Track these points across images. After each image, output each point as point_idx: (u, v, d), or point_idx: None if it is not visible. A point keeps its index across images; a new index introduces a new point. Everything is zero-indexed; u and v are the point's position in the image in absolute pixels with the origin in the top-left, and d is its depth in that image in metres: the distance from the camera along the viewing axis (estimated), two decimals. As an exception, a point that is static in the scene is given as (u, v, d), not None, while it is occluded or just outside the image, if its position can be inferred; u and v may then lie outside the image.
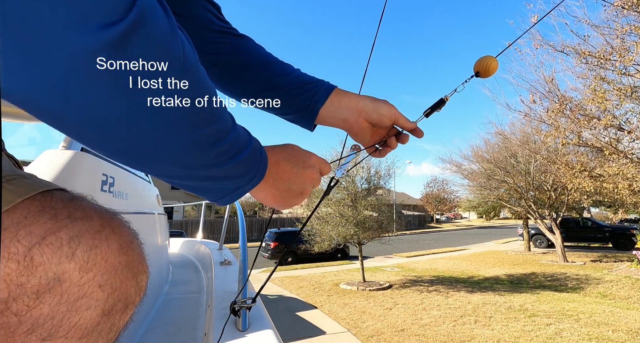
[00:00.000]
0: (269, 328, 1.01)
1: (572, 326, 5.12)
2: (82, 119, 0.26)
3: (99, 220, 0.34)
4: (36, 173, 0.38)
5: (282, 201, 0.49)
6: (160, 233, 2.21)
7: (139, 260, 0.36)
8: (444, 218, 50.64)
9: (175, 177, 0.36)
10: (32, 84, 0.24)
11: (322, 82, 0.61)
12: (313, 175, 0.50)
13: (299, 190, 0.49)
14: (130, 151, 0.30)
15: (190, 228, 21.85)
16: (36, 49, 0.22)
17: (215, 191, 0.40)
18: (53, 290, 0.29)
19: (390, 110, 0.59)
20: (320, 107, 0.59)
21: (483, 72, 0.59)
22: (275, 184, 0.47)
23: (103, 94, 0.26)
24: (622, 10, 6.19)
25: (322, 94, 0.59)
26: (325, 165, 0.53)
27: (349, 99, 0.60)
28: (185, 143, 0.32)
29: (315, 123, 0.62)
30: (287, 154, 0.48)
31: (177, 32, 0.29)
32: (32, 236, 0.29)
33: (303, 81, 0.60)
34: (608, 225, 16.09)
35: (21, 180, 0.33)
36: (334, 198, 8.30)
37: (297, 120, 0.62)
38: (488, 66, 0.58)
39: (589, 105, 7.47)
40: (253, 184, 0.42)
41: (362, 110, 0.59)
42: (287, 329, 5.13)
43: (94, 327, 0.32)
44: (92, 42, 0.23)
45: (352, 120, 0.60)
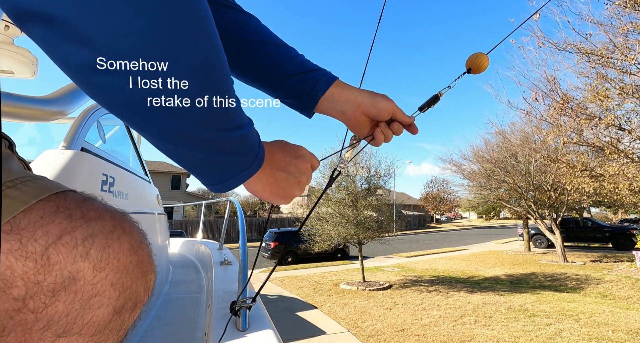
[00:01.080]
0: (269, 328, 1.01)
1: (572, 326, 5.12)
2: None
3: (111, 220, 0.34)
4: (36, 173, 0.38)
5: (280, 191, 0.48)
6: (160, 233, 2.21)
7: (148, 259, 0.37)
8: (444, 219, 50.64)
9: (182, 142, 0.34)
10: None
11: (324, 71, 0.60)
12: (306, 164, 0.50)
13: (295, 179, 0.49)
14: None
15: (190, 228, 21.85)
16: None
17: (219, 169, 0.39)
18: (68, 288, 0.30)
19: (388, 104, 0.59)
20: (320, 97, 0.59)
21: (474, 69, 0.60)
22: (273, 173, 0.47)
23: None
24: (624, 9, 6.18)
25: (323, 84, 0.59)
26: (314, 159, 0.53)
27: (349, 92, 0.60)
28: (207, 93, 0.32)
29: (313, 111, 0.62)
30: (278, 145, 0.49)
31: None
32: (49, 236, 0.30)
33: (306, 68, 0.59)
34: (608, 225, 16.09)
35: (35, 182, 0.34)
36: (334, 199, 8.31)
37: (296, 106, 0.62)
38: (479, 63, 0.59)
39: (591, 104, 7.47)
40: (255, 168, 0.42)
41: (360, 104, 0.59)
42: (287, 329, 5.13)
43: (106, 325, 0.33)
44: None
45: (350, 113, 0.60)
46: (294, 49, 0.61)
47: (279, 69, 0.58)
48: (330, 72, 0.61)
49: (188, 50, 0.29)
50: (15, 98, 0.95)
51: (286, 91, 0.60)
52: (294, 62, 0.59)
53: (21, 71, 1.65)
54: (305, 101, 0.60)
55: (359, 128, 0.62)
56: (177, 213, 27.39)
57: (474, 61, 0.59)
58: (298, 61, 0.59)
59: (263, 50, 0.58)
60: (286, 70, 0.58)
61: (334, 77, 0.60)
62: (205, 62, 0.31)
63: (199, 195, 32.82)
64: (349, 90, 0.60)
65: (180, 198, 28.67)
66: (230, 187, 0.42)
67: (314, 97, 0.59)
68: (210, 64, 0.31)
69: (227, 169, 0.40)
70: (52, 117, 1.09)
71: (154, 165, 28.86)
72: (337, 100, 0.60)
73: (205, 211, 3.85)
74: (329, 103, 0.60)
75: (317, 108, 0.61)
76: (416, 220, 35.54)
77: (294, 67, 0.59)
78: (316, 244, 8.39)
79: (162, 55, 0.28)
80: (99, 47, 0.26)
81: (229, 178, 0.40)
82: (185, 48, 0.29)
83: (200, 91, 0.31)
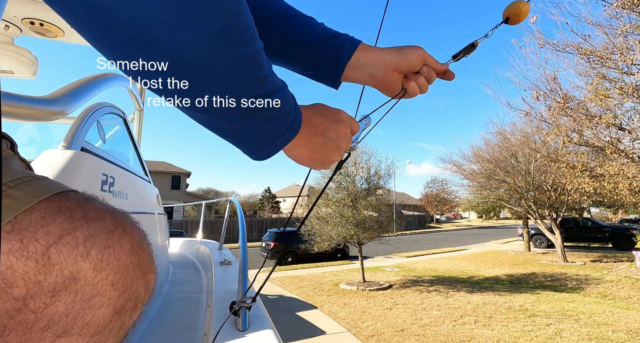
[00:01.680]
0: (269, 328, 1.01)
1: (572, 326, 5.12)
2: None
3: (112, 220, 0.34)
4: (36, 173, 0.38)
5: (319, 157, 0.48)
6: (160, 233, 2.21)
7: (148, 260, 0.37)
8: (444, 219, 50.63)
9: (221, 113, 0.35)
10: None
11: (347, 36, 0.58)
12: (345, 129, 0.49)
13: (334, 144, 0.48)
14: (179, 67, 0.30)
15: (190, 228, 21.84)
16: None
17: (256, 137, 0.39)
18: (69, 289, 0.30)
19: (418, 53, 0.56)
20: (346, 63, 0.56)
21: (513, 18, 0.55)
22: (311, 138, 0.46)
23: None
24: (622, 10, 6.19)
25: (348, 49, 0.56)
26: (354, 122, 0.52)
27: (375, 54, 0.57)
28: (233, 58, 0.31)
29: (340, 80, 0.59)
30: (317, 110, 0.48)
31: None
32: (50, 236, 0.30)
33: (328, 35, 0.56)
34: (608, 225, 16.08)
35: (36, 182, 0.34)
36: (333, 199, 8.30)
37: (322, 76, 0.59)
38: (519, 10, 0.55)
39: (591, 104, 7.47)
40: (292, 133, 0.42)
41: (389, 63, 0.56)
42: (287, 329, 5.13)
43: (106, 325, 0.33)
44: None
45: (381, 75, 0.57)
46: (313, 18, 0.58)
47: (301, 40, 0.56)
48: (353, 36, 0.58)
49: (206, 15, 0.28)
50: (15, 98, 0.95)
51: (311, 62, 0.57)
52: (315, 30, 0.57)
53: (21, 71, 1.65)
54: (332, 69, 0.57)
55: (393, 88, 0.59)
56: (177, 213, 27.39)
57: (513, 9, 0.55)
58: (319, 29, 0.57)
59: (283, 23, 0.56)
60: (308, 40, 0.56)
61: (357, 41, 0.57)
62: (225, 26, 0.30)
63: (199, 195, 32.84)
64: (375, 51, 0.57)
65: (180, 198, 28.67)
66: (270, 153, 0.42)
67: (340, 64, 0.56)
68: (233, 28, 0.30)
69: (264, 136, 0.40)
70: (52, 117, 1.09)
71: (154, 165, 28.87)
72: (364, 64, 0.57)
73: (205, 211, 3.85)
74: (356, 68, 0.57)
75: (345, 76, 0.58)
76: (416, 220, 35.54)
77: (316, 35, 0.56)
78: (316, 244, 8.39)
79: (180, 23, 0.28)
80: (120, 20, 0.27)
81: (267, 145, 0.41)
82: (203, 13, 0.28)
83: (223, 58, 0.31)
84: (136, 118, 2.80)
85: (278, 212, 40.16)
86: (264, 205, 40.39)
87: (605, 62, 6.74)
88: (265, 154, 0.42)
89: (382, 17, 0.69)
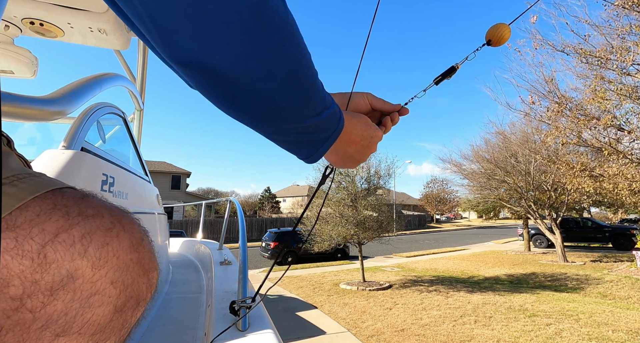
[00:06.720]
0: (269, 328, 1.01)
1: (572, 326, 5.12)
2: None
3: (110, 217, 0.34)
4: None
5: (341, 164, 0.55)
6: (160, 233, 2.21)
7: (149, 257, 0.37)
8: (444, 218, 50.64)
9: (279, 132, 0.42)
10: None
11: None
12: (373, 149, 0.55)
13: (358, 158, 0.55)
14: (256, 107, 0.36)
15: (190, 228, 21.84)
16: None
17: (307, 146, 0.46)
18: (66, 287, 0.29)
19: (363, 98, 0.58)
20: None
21: (495, 40, 0.57)
22: (342, 151, 0.52)
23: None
24: (623, 10, 6.19)
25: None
26: (380, 138, 0.58)
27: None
28: (297, 93, 0.37)
29: None
30: (361, 128, 0.52)
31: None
32: (45, 234, 0.29)
33: None
34: (608, 225, 16.08)
35: (32, 179, 0.33)
36: (333, 199, 8.30)
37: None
38: (500, 34, 0.56)
39: (589, 105, 7.47)
40: (331, 141, 0.46)
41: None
42: (287, 329, 5.13)
43: (107, 324, 0.32)
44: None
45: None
46: None
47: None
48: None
49: (276, 68, 0.34)
50: (15, 98, 0.95)
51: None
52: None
53: (21, 71, 1.64)
54: None
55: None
56: (177, 213, 27.38)
57: (495, 32, 0.56)
58: None
59: None
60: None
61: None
62: (291, 71, 0.35)
63: (199, 195, 32.82)
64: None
65: (180, 198, 28.67)
66: (316, 159, 0.49)
67: None
68: (296, 73, 0.36)
69: (312, 145, 0.46)
70: (52, 117, 1.09)
71: (154, 165, 28.86)
72: None
73: (205, 211, 3.85)
74: None
75: None
76: (416, 220, 35.55)
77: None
78: (316, 244, 8.39)
79: (259, 74, 0.33)
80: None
81: (314, 153, 0.47)
82: (274, 67, 0.33)
83: (286, 95, 0.36)
84: (136, 118, 2.80)
85: (278, 212, 40.16)
86: (264, 205, 40.37)
87: (605, 63, 6.74)
88: (313, 160, 0.49)
89: (362, 53, 0.69)
